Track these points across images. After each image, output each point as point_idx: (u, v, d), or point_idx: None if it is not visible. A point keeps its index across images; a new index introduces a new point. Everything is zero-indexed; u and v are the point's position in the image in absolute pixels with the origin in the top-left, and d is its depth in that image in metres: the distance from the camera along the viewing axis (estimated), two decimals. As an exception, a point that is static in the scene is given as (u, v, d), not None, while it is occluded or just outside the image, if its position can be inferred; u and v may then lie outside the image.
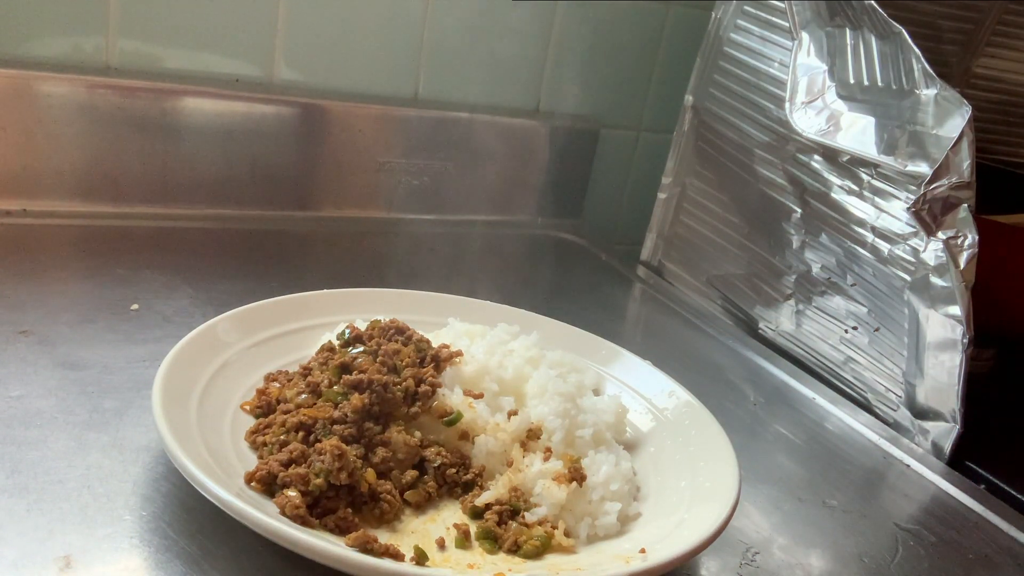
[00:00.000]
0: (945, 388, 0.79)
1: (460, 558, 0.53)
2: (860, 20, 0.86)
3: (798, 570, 0.61)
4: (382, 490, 0.56)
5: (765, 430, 0.80)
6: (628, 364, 0.76)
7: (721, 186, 1.06)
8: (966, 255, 0.77)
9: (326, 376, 0.61)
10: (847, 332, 0.91)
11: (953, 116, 0.77)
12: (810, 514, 0.68)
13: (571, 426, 0.63)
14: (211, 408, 0.58)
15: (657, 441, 0.68)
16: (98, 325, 0.71)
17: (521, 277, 1.05)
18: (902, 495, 0.75)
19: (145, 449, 0.57)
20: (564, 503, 0.57)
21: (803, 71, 0.91)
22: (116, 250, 0.87)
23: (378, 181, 1.09)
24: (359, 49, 1.05)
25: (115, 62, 0.92)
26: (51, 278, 0.78)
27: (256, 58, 0.99)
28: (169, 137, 0.94)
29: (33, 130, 0.88)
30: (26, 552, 0.46)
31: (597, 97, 1.24)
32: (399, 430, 0.59)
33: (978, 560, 0.67)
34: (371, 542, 0.50)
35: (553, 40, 1.17)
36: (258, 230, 1.00)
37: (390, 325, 0.66)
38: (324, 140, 1.04)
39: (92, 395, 0.62)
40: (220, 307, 0.69)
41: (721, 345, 0.98)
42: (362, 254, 1.03)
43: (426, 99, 1.11)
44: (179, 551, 0.49)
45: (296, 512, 0.51)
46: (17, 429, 0.56)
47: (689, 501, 0.59)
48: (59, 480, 0.52)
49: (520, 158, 1.18)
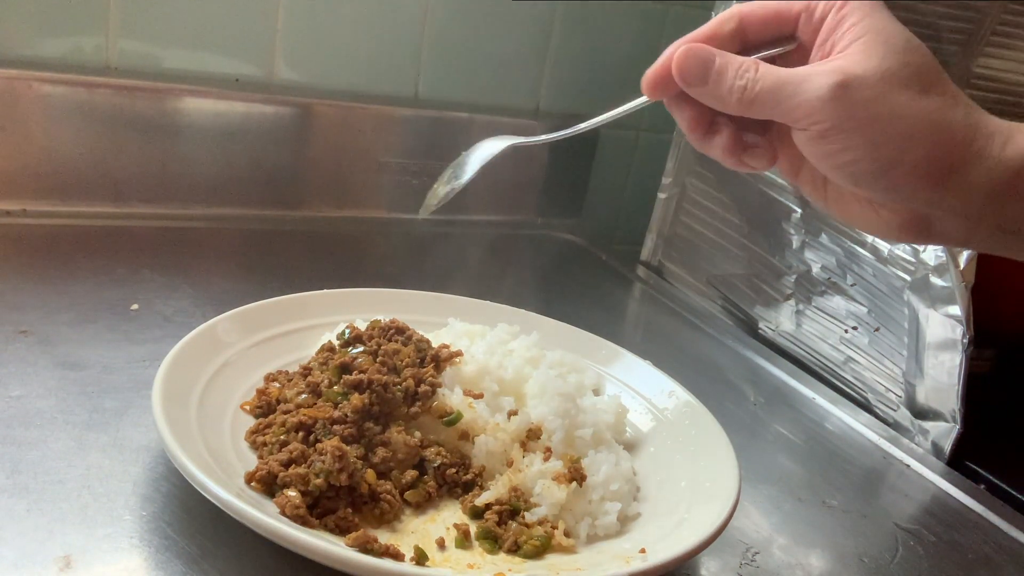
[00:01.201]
0: (945, 388, 0.79)
1: (460, 558, 0.53)
2: (860, 20, 0.86)
3: (798, 570, 0.61)
4: (382, 490, 0.56)
5: (765, 430, 0.80)
6: (628, 364, 0.76)
7: (721, 186, 1.06)
8: (966, 255, 0.77)
9: (326, 376, 0.61)
10: (847, 332, 0.91)
11: (953, 116, 0.77)
12: (810, 514, 0.68)
13: (571, 426, 0.63)
14: (211, 408, 0.58)
15: (657, 441, 0.68)
16: (98, 325, 0.71)
17: (521, 277, 1.05)
18: (902, 495, 0.75)
19: (145, 449, 0.57)
20: (564, 503, 0.57)
21: (803, 71, 0.91)
22: (116, 250, 0.87)
23: (378, 181, 1.09)
24: (359, 49, 1.05)
25: (115, 62, 0.92)
26: (51, 278, 0.78)
27: (256, 58, 0.99)
28: (169, 137, 0.94)
29: (33, 130, 0.88)
30: (26, 552, 0.46)
31: (597, 97, 1.24)
32: (399, 430, 0.59)
33: (978, 560, 0.67)
34: (371, 542, 0.50)
35: (553, 40, 1.17)
36: (258, 230, 1.00)
37: (390, 325, 0.66)
38: (324, 140, 1.04)
39: (92, 395, 0.62)
40: (220, 307, 0.69)
41: (721, 345, 0.98)
42: (362, 254, 1.03)
43: (426, 99, 1.11)
44: (179, 551, 0.49)
45: (296, 512, 0.51)
46: (17, 429, 0.56)
47: (689, 501, 0.59)
48: (59, 480, 0.52)
49: (520, 158, 1.18)
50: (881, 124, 0.42)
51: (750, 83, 0.44)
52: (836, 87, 0.42)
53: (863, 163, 0.43)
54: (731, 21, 0.47)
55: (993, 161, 0.43)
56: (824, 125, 0.43)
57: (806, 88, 0.43)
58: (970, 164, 0.43)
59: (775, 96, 0.44)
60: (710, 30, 0.47)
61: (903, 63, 0.43)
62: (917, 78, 0.43)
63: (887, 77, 0.42)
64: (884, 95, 0.42)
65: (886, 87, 0.42)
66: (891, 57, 0.43)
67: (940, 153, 0.43)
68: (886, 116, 0.42)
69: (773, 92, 0.44)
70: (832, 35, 0.45)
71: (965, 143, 0.43)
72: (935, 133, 0.43)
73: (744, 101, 0.45)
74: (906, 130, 0.42)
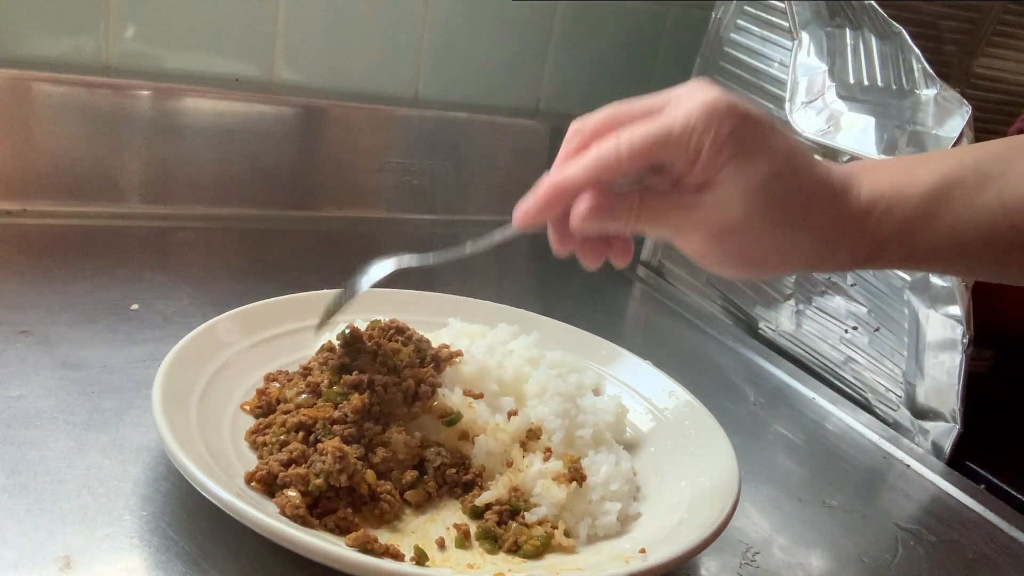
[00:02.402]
0: (945, 388, 0.79)
1: (460, 558, 0.53)
2: (860, 20, 0.86)
3: (798, 570, 0.61)
4: (382, 490, 0.56)
5: (765, 430, 0.80)
6: (628, 364, 0.76)
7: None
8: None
9: (326, 376, 0.61)
10: (847, 332, 0.91)
11: (953, 116, 0.77)
12: (810, 514, 0.68)
13: (571, 426, 0.63)
14: (211, 408, 0.58)
15: (657, 441, 0.68)
16: (98, 325, 0.71)
17: (521, 277, 1.05)
18: (902, 495, 0.75)
19: (145, 449, 0.57)
20: (564, 503, 0.57)
21: (803, 71, 0.91)
22: (116, 250, 0.87)
23: (378, 181, 1.09)
24: (359, 49, 1.05)
25: (115, 62, 0.92)
26: (51, 278, 0.78)
27: (256, 58, 0.99)
28: (169, 137, 0.94)
29: (33, 130, 0.88)
30: (26, 552, 0.46)
31: (597, 97, 1.24)
32: (399, 430, 0.59)
33: (978, 560, 0.67)
34: (371, 542, 0.50)
35: (553, 40, 1.17)
36: (258, 230, 1.00)
37: (390, 325, 0.66)
38: (324, 140, 1.04)
39: (92, 395, 0.62)
40: (220, 307, 0.69)
41: (721, 345, 0.98)
42: (362, 254, 1.02)
43: (426, 99, 1.11)
44: (179, 551, 0.49)
45: (296, 512, 0.51)
46: (17, 429, 0.56)
47: (689, 501, 0.59)
48: (59, 480, 0.52)
49: (520, 158, 1.18)
50: (742, 257, 0.50)
51: (636, 223, 0.50)
52: (707, 240, 0.49)
53: (726, 269, 0.51)
54: (574, 139, 0.52)
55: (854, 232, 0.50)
56: (692, 254, 0.51)
57: (683, 234, 0.50)
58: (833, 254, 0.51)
59: (655, 231, 0.51)
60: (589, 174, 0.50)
61: (761, 207, 0.48)
62: (773, 215, 0.48)
63: (747, 224, 0.48)
64: (745, 239, 0.49)
65: (747, 233, 0.48)
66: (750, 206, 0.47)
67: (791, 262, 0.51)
68: (746, 253, 0.50)
69: (654, 229, 0.51)
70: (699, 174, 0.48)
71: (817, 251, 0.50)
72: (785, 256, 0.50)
73: (631, 233, 0.52)
74: (762, 257, 0.50)
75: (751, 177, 0.47)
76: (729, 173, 0.47)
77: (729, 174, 0.47)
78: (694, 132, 0.46)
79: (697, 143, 0.46)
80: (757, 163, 0.47)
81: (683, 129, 0.46)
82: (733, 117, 0.46)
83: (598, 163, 0.49)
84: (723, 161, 0.46)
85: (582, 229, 0.50)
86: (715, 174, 0.47)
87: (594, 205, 0.49)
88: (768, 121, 0.48)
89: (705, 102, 0.46)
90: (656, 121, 0.47)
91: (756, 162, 0.47)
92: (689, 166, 0.47)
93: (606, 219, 0.50)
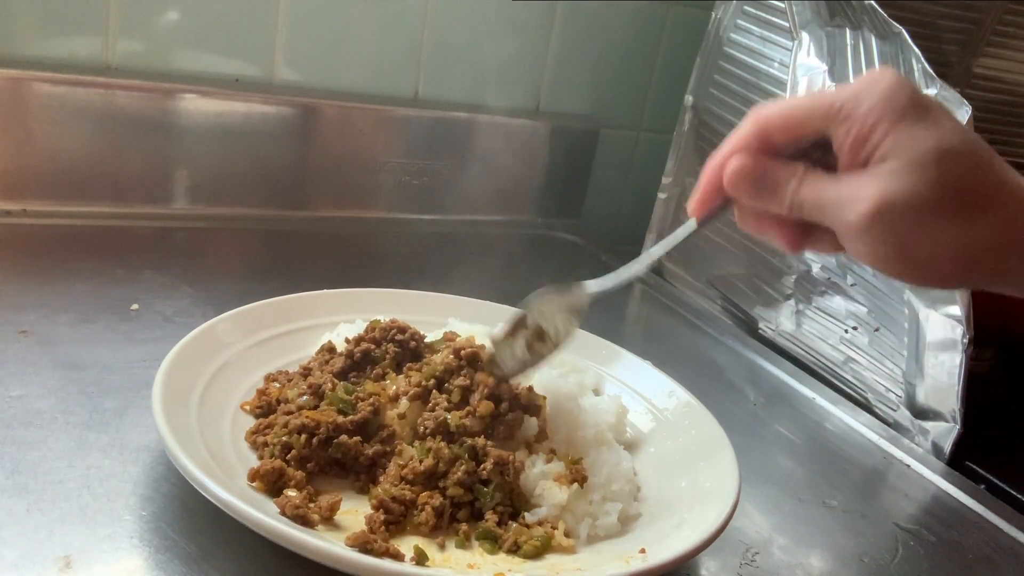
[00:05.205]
0: (945, 388, 0.79)
1: (460, 558, 0.53)
2: (860, 20, 0.86)
3: (798, 570, 0.61)
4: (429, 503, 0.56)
5: (765, 430, 0.80)
6: (628, 364, 0.76)
7: (721, 186, 1.06)
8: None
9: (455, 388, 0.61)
10: (847, 332, 0.91)
11: (953, 116, 0.77)
12: (810, 514, 0.68)
13: (572, 426, 0.63)
14: (211, 408, 0.58)
15: (657, 441, 0.68)
16: (98, 325, 0.71)
17: (521, 277, 1.05)
18: (902, 495, 0.75)
19: (145, 449, 0.57)
20: (565, 504, 0.57)
21: (803, 71, 0.91)
22: (116, 250, 0.87)
23: (378, 181, 1.09)
24: (359, 49, 1.05)
25: (115, 62, 0.92)
26: (51, 278, 0.78)
27: (256, 58, 0.99)
28: (169, 137, 0.94)
29: (33, 130, 0.88)
30: (26, 552, 0.46)
31: (597, 97, 1.24)
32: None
33: (978, 560, 0.67)
34: (371, 542, 0.50)
35: (553, 40, 1.17)
36: (258, 230, 1.00)
37: (390, 325, 0.66)
38: (324, 140, 1.04)
39: (92, 395, 0.62)
40: (220, 307, 0.69)
41: (721, 345, 0.98)
42: (362, 254, 1.03)
43: (426, 99, 1.11)
44: (179, 551, 0.49)
45: (296, 512, 0.51)
46: (17, 429, 0.56)
47: (689, 501, 0.59)
48: (59, 480, 0.52)
49: (520, 158, 1.18)
50: (909, 249, 0.45)
51: (794, 196, 0.47)
52: (869, 216, 0.45)
53: (894, 267, 0.47)
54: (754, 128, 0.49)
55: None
56: (857, 244, 0.46)
57: (843, 213, 0.46)
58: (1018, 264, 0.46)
59: (818, 211, 0.47)
60: (741, 142, 0.49)
61: (933, 182, 0.44)
62: (948, 198, 0.44)
63: (916, 204, 0.44)
64: (914, 225, 0.44)
65: (915, 216, 0.44)
66: (921, 179, 0.44)
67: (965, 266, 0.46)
68: (914, 244, 0.45)
69: (815, 208, 0.47)
70: (864, 144, 0.45)
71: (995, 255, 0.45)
72: (960, 256, 0.45)
73: (793, 210, 0.48)
74: (932, 254, 0.45)
75: (925, 140, 0.44)
76: (901, 139, 0.44)
77: (901, 140, 0.44)
78: (866, 99, 0.45)
79: (868, 109, 0.44)
80: (932, 132, 0.44)
81: (852, 97, 0.45)
82: (908, 89, 0.45)
83: (751, 128, 0.48)
84: (897, 128, 0.44)
85: (736, 192, 0.49)
86: (885, 139, 0.44)
87: (743, 165, 0.48)
88: (939, 103, 0.46)
89: (873, 77, 0.45)
90: (818, 96, 0.47)
91: (931, 131, 0.44)
92: (859, 138, 0.45)
93: (759, 184, 0.48)
